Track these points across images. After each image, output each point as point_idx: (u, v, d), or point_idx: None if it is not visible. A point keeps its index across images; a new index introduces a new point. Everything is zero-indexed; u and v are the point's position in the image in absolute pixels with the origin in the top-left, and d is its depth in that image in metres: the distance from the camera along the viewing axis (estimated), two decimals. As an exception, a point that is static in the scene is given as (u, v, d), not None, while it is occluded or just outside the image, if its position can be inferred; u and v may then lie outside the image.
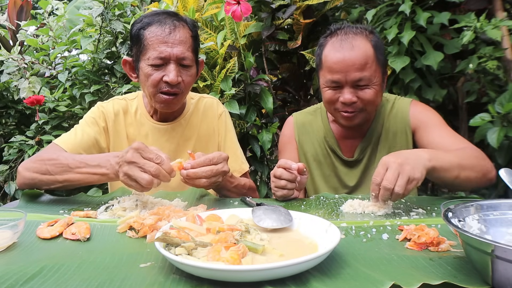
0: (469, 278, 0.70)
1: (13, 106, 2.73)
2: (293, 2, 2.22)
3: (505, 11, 1.87)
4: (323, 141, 1.60)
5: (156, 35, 1.35)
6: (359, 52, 1.37)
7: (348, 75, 1.37)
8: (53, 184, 1.23)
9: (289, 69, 2.49)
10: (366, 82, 1.38)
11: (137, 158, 1.07)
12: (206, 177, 1.15)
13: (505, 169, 1.04)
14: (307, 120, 1.65)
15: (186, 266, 0.70)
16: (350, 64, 1.36)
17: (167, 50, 1.34)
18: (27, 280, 0.71)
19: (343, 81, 1.38)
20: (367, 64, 1.37)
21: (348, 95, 1.38)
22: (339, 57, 1.37)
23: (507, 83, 1.73)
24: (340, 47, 1.39)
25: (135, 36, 1.40)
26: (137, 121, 1.52)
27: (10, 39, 3.31)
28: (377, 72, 1.40)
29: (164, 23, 1.36)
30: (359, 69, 1.36)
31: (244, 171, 1.60)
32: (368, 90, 1.39)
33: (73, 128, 1.47)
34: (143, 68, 1.38)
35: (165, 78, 1.35)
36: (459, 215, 0.79)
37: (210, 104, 1.62)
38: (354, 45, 1.38)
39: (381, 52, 1.42)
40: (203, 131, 1.58)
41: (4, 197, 2.57)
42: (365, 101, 1.40)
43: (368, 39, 1.40)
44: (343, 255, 0.82)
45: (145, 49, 1.36)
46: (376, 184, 1.09)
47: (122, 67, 1.49)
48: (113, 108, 1.51)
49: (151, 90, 1.39)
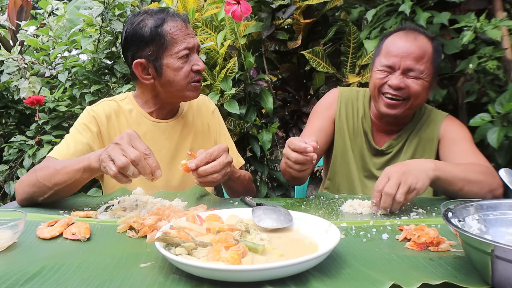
0: (469, 278, 0.70)
1: (13, 106, 2.73)
2: (293, 2, 2.22)
3: (505, 11, 1.87)
4: (360, 122, 1.62)
5: (178, 28, 1.39)
6: (420, 44, 1.42)
7: (403, 61, 1.41)
8: (45, 192, 1.19)
9: (289, 69, 2.49)
10: (417, 74, 1.41)
11: (124, 143, 1.04)
12: (216, 171, 1.16)
13: (505, 169, 1.04)
14: (351, 96, 1.66)
15: (186, 266, 0.70)
16: (408, 52, 1.41)
17: (192, 40, 1.41)
18: (27, 280, 0.71)
19: (397, 65, 1.42)
20: (423, 58, 1.41)
21: (397, 80, 1.42)
22: (400, 44, 1.44)
23: (507, 83, 1.73)
24: (405, 36, 1.45)
25: (151, 36, 1.37)
26: (133, 120, 1.50)
27: (10, 39, 3.31)
28: (429, 70, 1.44)
29: (174, 16, 1.41)
30: (415, 59, 1.41)
31: (241, 164, 1.64)
32: (417, 81, 1.42)
33: (65, 138, 1.42)
34: (171, 64, 1.38)
35: (195, 67, 1.41)
36: (459, 215, 0.79)
37: (203, 101, 1.64)
38: (417, 39, 1.44)
39: (438, 57, 1.48)
40: (199, 128, 1.59)
41: (4, 197, 2.57)
42: (411, 90, 1.42)
43: (430, 39, 1.46)
44: (343, 255, 0.82)
45: (170, 44, 1.38)
46: (378, 191, 1.11)
47: (134, 70, 1.43)
48: (104, 111, 1.47)
49: (183, 83, 1.40)
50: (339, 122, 1.63)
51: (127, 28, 1.43)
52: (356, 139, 1.61)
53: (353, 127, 1.62)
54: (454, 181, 1.22)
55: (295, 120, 2.55)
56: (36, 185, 1.19)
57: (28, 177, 1.22)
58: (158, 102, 1.49)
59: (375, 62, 1.52)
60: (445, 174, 1.19)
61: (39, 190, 1.19)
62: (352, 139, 1.62)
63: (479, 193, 1.25)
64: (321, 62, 2.21)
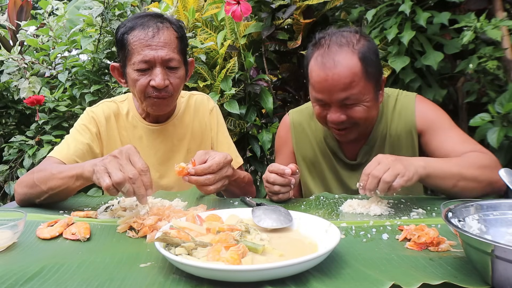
0: (469, 278, 0.70)
1: (13, 106, 2.73)
2: (293, 2, 2.22)
3: (505, 11, 1.87)
4: (323, 142, 1.50)
5: (139, 39, 1.32)
6: (343, 70, 1.23)
7: (332, 96, 1.26)
8: (41, 195, 1.19)
9: (289, 69, 2.49)
10: (353, 101, 1.27)
11: (123, 158, 1.03)
12: (209, 184, 1.15)
13: (505, 169, 1.04)
14: (304, 119, 1.54)
15: (186, 266, 0.70)
16: (333, 84, 1.24)
17: (151, 53, 1.31)
18: (27, 280, 0.71)
19: (328, 101, 1.28)
20: (352, 82, 1.24)
21: (335, 114, 1.29)
22: (322, 77, 1.25)
23: (507, 83, 1.73)
24: (322, 64, 1.26)
25: (119, 42, 1.37)
26: (130, 123, 1.51)
27: (10, 39, 3.31)
28: (367, 87, 1.27)
29: (147, 26, 1.33)
30: (343, 89, 1.24)
31: (239, 165, 1.60)
32: (357, 107, 1.28)
33: (65, 139, 1.44)
34: (130, 74, 1.36)
35: (152, 83, 1.33)
36: (459, 215, 0.79)
37: (201, 100, 1.61)
38: (337, 62, 1.24)
39: (370, 62, 1.27)
40: (196, 128, 1.57)
41: (4, 197, 2.57)
42: (355, 119, 1.30)
43: (355, 51, 1.26)
44: (343, 255, 0.82)
45: (130, 54, 1.34)
46: (366, 174, 1.10)
47: (111, 73, 1.45)
48: (103, 112, 1.48)
49: (140, 95, 1.37)
50: (299, 153, 1.54)
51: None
52: (326, 162, 1.50)
53: (319, 150, 1.51)
54: (446, 177, 1.17)
55: (295, 120, 2.54)
56: (32, 187, 1.19)
57: (26, 178, 1.23)
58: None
59: (309, 88, 1.37)
60: (437, 171, 1.16)
61: (35, 192, 1.19)
62: (321, 163, 1.51)
63: (478, 188, 1.19)
64: (321, 62, 2.20)
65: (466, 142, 1.31)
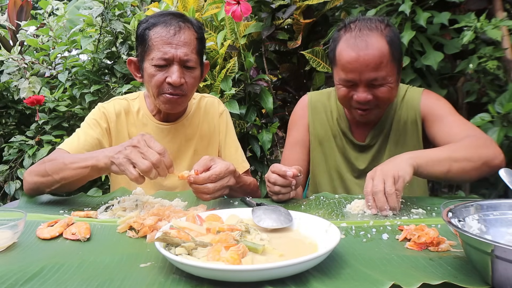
0: (469, 278, 0.70)
1: (13, 106, 2.73)
2: (293, 2, 2.22)
3: (505, 11, 1.87)
4: (335, 123, 1.58)
5: (160, 35, 1.35)
6: (374, 51, 1.31)
7: (363, 75, 1.33)
8: (52, 184, 1.23)
9: (289, 69, 2.49)
10: (381, 82, 1.35)
11: (142, 145, 1.06)
12: (207, 193, 1.15)
13: (505, 169, 1.04)
14: (321, 100, 1.63)
15: (186, 266, 0.70)
16: (364, 64, 1.32)
17: (171, 51, 1.34)
18: (27, 280, 0.71)
19: (357, 80, 1.35)
20: (382, 63, 1.32)
21: (363, 94, 1.36)
22: (353, 57, 1.32)
23: (507, 83, 1.73)
24: (355, 45, 1.33)
25: (140, 36, 1.41)
26: (140, 121, 1.53)
27: (10, 39, 3.31)
28: (393, 69, 1.36)
29: (169, 24, 1.37)
30: (374, 69, 1.32)
31: (245, 169, 1.60)
32: (383, 88, 1.36)
33: (75, 132, 1.47)
34: (147, 69, 1.39)
35: (168, 79, 1.36)
36: (459, 215, 0.79)
37: (211, 103, 1.63)
38: (369, 43, 1.32)
39: (396, 46, 1.37)
40: (205, 130, 1.58)
41: (4, 197, 2.57)
42: (380, 99, 1.38)
43: (383, 35, 1.34)
44: (343, 255, 0.82)
45: (150, 50, 1.37)
46: (368, 194, 1.12)
47: (127, 66, 1.49)
48: (114, 108, 1.51)
49: (155, 91, 1.40)
50: (313, 129, 1.60)
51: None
52: (336, 141, 1.57)
53: (331, 129, 1.58)
54: (437, 163, 1.19)
55: (295, 120, 2.54)
56: (44, 176, 1.23)
57: (38, 168, 1.26)
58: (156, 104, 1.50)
59: (333, 73, 1.45)
60: (425, 159, 1.18)
61: (46, 181, 1.23)
62: (331, 142, 1.58)
63: (473, 169, 1.21)
64: (321, 62, 2.21)
65: (465, 127, 1.37)
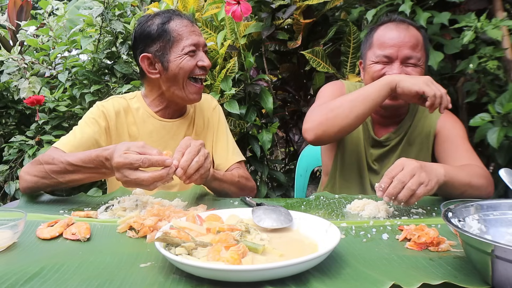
0: (469, 278, 0.70)
1: (13, 106, 2.73)
2: (293, 2, 2.22)
3: (505, 11, 1.87)
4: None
5: (183, 25, 1.44)
6: (413, 33, 1.46)
7: (401, 51, 1.43)
8: (57, 186, 1.27)
9: (289, 69, 2.49)
10: (415, 61, 1.44)
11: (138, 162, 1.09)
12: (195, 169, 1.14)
13: (505, 169, 1.04)
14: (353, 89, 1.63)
15: (186, 266, 0.70)
16: (404, 41, 1.43)
17: (196, 38, 1.46)
18: (27, 280, 0.71)
19: (394, 55, 1.43)
20: (418, 46, 1.45)
21: (398, 70, 1.43)
22: (395, 34, 1.45)
23: (507, 83, 1.73)
24: (396, 27, 1.47)
25: (157, 32, 1.44)
26: (140, 118, 1.53)
27: (10, 39, 3.31)
28: (424, 57, 1.47)
29: (181, 16, 1.47)
30: (411, 47, 1.43)
31: (235, 161, 1.57)
32: (416, 68, 1.44)
33: (72, 130, 1.46)
34: (175, 60, 1.43)
35: (200, 63, 1.45)
36: (459, 215, 0.79)
37: (205, 99, 1.66)
38: (408, 28, 1.47)
39: (426, 41, 1.50)
40: (199, 125, 1.60)
41: (4, 197, 2.57)
42: None
43: (419, 30, 1.50)
44: (343, 255, 0.82)
45: (176, 40, 1.43)
46: (389, 177, 1.06)
47: (140, 63, 1.48)
48: (114, 107, 1.51)
49: (184, 79, 1.44)
50: None
51: (136, 28, 1.50)
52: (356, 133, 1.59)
53: None
54: (459, 186, 1.19)
55: (295, 120, 2.55)
56: (46, 178, 1.25)
57: (36, 168, 1.27)
58: (164, 101, 1.52)
59: (367, 55, 1.52)
60: (452, 179, 1.16)
61: (49, 182, 1.26)
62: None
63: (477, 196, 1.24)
64: (321, 62, 2.21)
65: (471, 155, 1.41)
